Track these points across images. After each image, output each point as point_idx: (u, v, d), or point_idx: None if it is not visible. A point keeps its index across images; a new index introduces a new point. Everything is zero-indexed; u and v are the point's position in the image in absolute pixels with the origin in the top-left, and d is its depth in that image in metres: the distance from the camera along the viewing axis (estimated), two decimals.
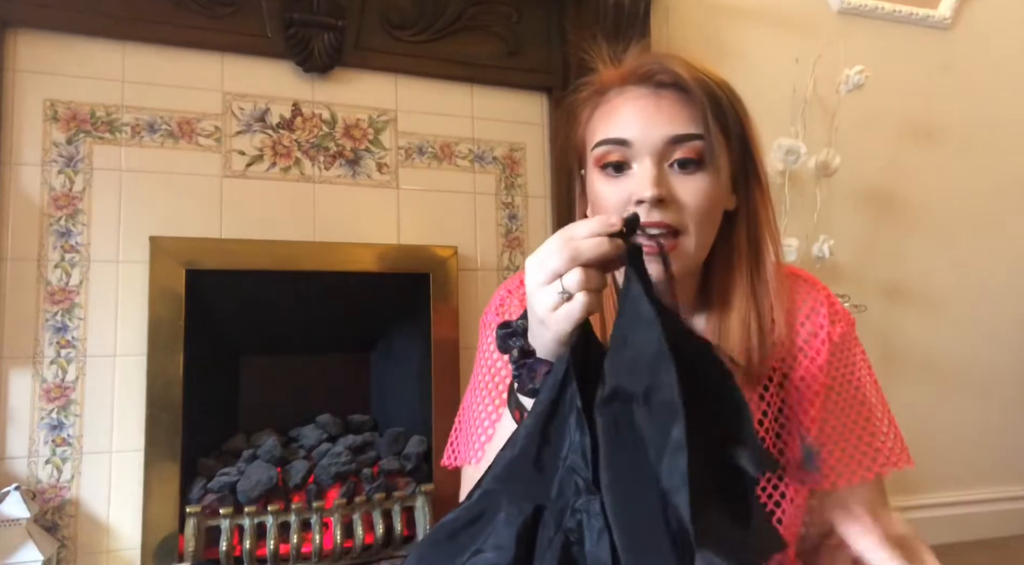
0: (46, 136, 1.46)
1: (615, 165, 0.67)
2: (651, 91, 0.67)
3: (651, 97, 0.67)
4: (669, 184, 0.65)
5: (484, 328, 0.79)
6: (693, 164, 0.65)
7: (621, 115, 0.68)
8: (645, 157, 0.65)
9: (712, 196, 0.66)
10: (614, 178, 0.67)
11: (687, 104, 0.66)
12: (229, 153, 1.59)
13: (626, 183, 0.66)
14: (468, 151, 1.80)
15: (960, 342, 2.28)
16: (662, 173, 0.65)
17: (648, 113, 0.66)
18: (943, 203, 2.31)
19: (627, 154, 0.66)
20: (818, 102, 2.07)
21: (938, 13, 2.33)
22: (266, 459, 1.52)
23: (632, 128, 0.66)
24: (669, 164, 0.66)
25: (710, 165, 0.66)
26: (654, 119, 0.66)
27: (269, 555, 1.43)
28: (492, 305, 0.79)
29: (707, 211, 0.66)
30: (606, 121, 0.69)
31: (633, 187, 0.65)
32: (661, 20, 1.94)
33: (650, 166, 0.65)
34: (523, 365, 0.55)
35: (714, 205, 0.67)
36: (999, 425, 2.31)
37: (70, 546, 1.41)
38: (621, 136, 0.66)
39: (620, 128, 0.67)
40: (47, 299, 1.44)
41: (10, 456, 1.40)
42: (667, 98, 0.66)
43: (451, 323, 1.69)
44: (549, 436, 0.48)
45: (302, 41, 1.60)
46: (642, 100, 0.67)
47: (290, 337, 1.76)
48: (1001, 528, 2.24)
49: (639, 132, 0.66)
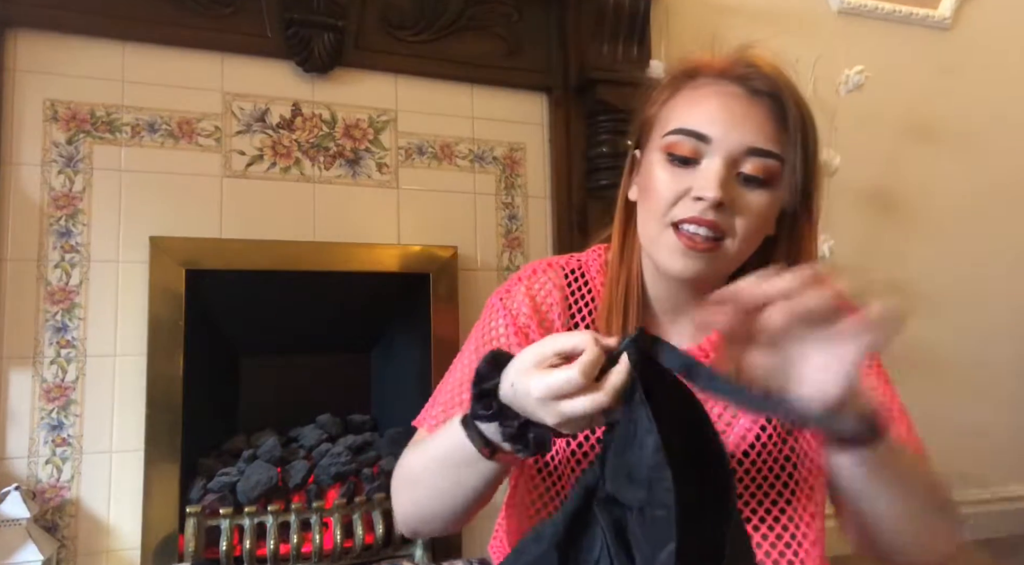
0: (46, 136, 1.46)
1: (683, 159, 0.64)
2: (745, 93, 0.65)
3: (743, 99, 0.64)
4: (731, 190, 0.63)
5: (488, 307, 0.77)
6: (760, 182, 0.63)
7: (708, 107, 0.65)
8: (718, 157, 0.63)
9: (767, 216, 0.65)
10: (678, 168, 0.65)
11: (778, 120, 0.64)
12: (229, 153, 1.59)
13: (689, 176, 0.64)
14: (468, 151, 1.80)
15: (960, 342, 2.28)
16: (729, 178, 0.63)
17: (736, 115, 0.64)
18: (943, 203, 2.31)
19: (701, 149, 0.64)
20: (818, 102, 2.06)
21: (938, 13, 2.33)
22: (266, 459, 1.52)
23: (716, 125, 0.63)
24: (737, 173, 0.63)
25: (777, 188, 0.64)
26: (741, 123, 0.63)
27: (269, 555, 1.43)
28: (502, 288, 0.77)
29: (758, 228, 0.65)
30: (689, 108, 0.66)
31: (696, 182, 0.63)
32: (661, 20, 1.94)
33: (720, 167, 0.62)
34: (507, 426, 0.53)
35: (765, 224, 0.66)
36: (999, 425, 2.31)
37: (70, 546, 1.41)
38: (703, 130, 0.63)
39: (703, 121, 0.64)
40: (47, 299, 1.44)
41: (10, 456, 1.40)
42: (759, 106, 0.64)
43: (451, 323, 1.69)
44: (577, 540, 0.48)
45: (302, 41, 1.60)
46: (733, 99, 0.64)
47: (290, 337, 1.76)
48: (1001, 528, 2.24)
49: (721, 131, 0.63)
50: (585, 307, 0.74)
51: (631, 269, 0.72)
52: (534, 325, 0.72)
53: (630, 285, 0.71)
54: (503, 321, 0.74)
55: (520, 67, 1.82)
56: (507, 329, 0.73)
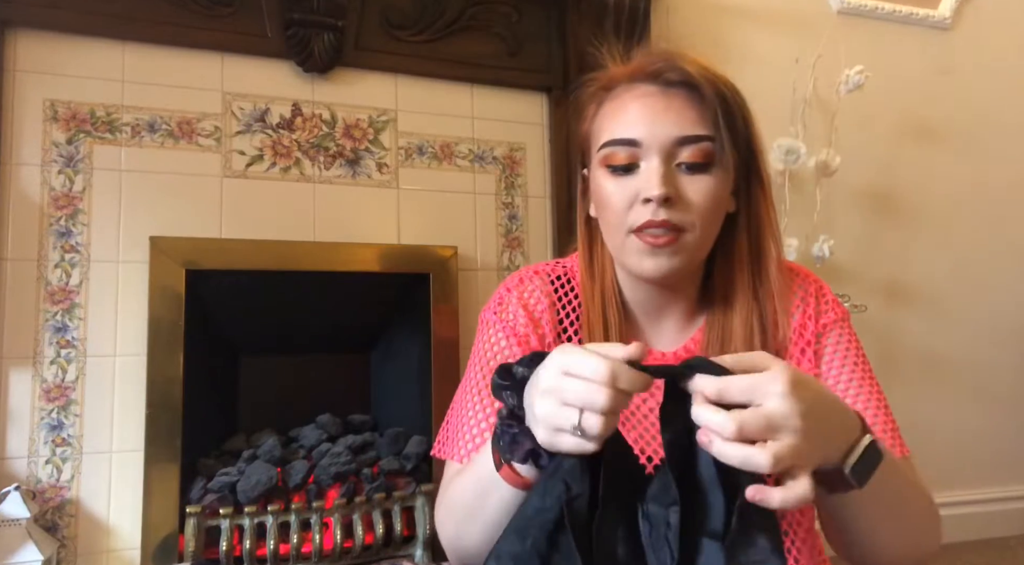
0: (46, 136, 1.46)
1: (624, 167, 0.66)
2: (660, 89, 0.66)
3: (659, 95, 0.66)
4: (676, 183, 0.65)
5: (483, 324, 0.78)
6: (700, 166, 0.65)
7: (629, 113, 0.67)
8: (653, 156, 0.65)
9: (717, 197, 0.66)
10: (621, 177, 0.67)
11: (696, 104, 0.65)
12: (229, 153, 1.59)
13: (633, 182, 0.66)
14: (468, 151, 1.80)
15: (960, 342, 2.28)
16: (670, 171, 0.65)
17: (656, 112, 0.65)
18: (943, 203, 2.31)
19: (635, 154, 0.66)
20: (818, 102, 2.07)
21: (938, 13, 2.33)
22: (266, 459, 1.52)
23: (640, 128, 0.65)
24: (676, 164, 0.65)
25: (718, 167, 0.65)
26: (662, 118, 0.65)
27: (269, 555, 1.43)
28: (492, 301, 0.78)
29: (712, 211, 0.66)
30: (613, 119, 0.68)
31: (640, 185, 0.65)
32: (661, 20, 1.94)
33: (658, 165, 0.64)
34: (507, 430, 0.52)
35: (718, 205, 0.67)
36: (999, 425, 2.31)
37: (70, 546, 1.41)
38: (629, 136, 0.66)
39: (628, 128, 0.66)
40: (47, 299, 1.44)
41: (10, 456, 1.40)
42: (676, 97, 0.66)
43: (451, 323, 1.69)
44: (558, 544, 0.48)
45: (302, 41, 1.60)
46: (650, 98, 0.66)
47: (290, 337, 1.76)
48: (1001, 528, 2.24)
49: (647, 131, 0.65)
50: (573, 313, 0.75)
51: (604, 282, 0.74)
52: (532, 333, 0.73)
53: (606, 297, 0.73)
54: (502, 333, 0.74)
55: (520, 67, 1.82)
56: (508, 341, 0.73)
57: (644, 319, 0.75)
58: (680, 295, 0.73)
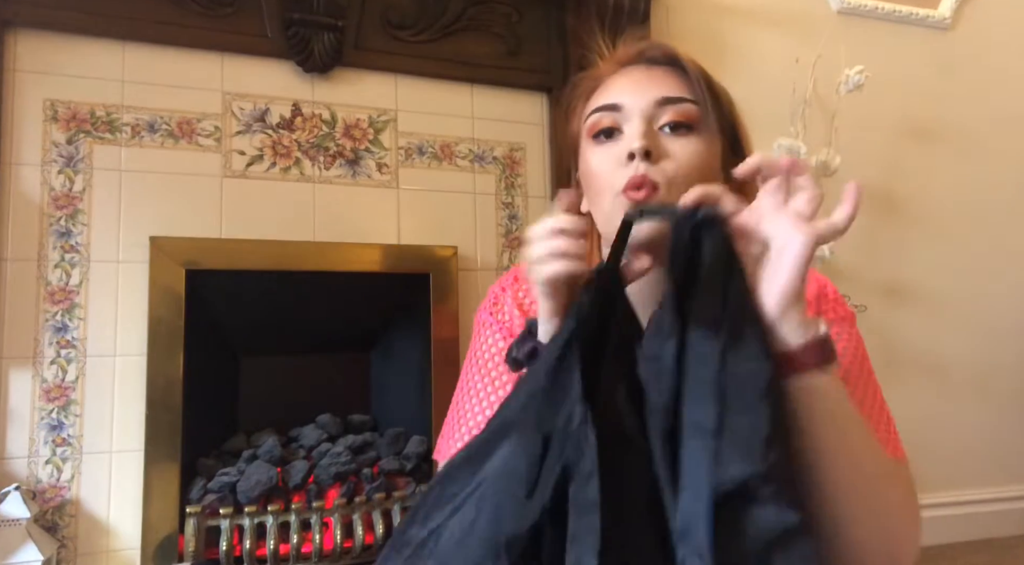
0: (46, 136, 1.46)
1: (606, 131, 0.67)
2: (644, 66, 0.69)
3: (643, 69, 0.68)
4: (659, 141, 0.64)
5: (478, 325, 0.77)
6: (685, 127, 0.65)
7: (611, 87, 0.68)
8: (635, 118, 0.65)
9: (705, 158, 0.65)
10: (604, 144, 0.67)
11: (679, 76, 0.67)
12: (229, 153, 1.59)
13: (616, 147, 0.66)
14: (468, 151, 1.80)
15: (960, 342, 2.28)
16: (651, 130, 0.65)
17: (638, 79, 0.67)
18: (943, 203, 2.31)
19: (617, 119, 0.66)
20: (818, 102, 2.07)
21: (938, 13, 2.33)
22: (266, 459, 1.52)
23: (622, 95, 0.66)
24: (660, 126, 0.65)
25: (704, 131, 0.65)
26: (644, 84, 0.66)
27: (269, 555, 1.43)
28: (487, 302, 0.77)
29: (699, 171, 0.64)
30: (597, 99, 0.69)
31: (624, 146, 0.65)
32: (661, 20, 1.94)
33: (639, 123, 0.65)
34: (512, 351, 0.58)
35: (706, 169, 0.65)
36: (999, 425, 2.31)
37: (70, 546, 1.41)
38: (613, 101, 0.67)
39: (612, 95, 0.67)
40: (47, 299, 1.44)
41: (10, 456, 1.40)
42: (660, 70, 0.68)
43: (451, 323, 1.69)
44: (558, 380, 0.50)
45: (302, 41, 1.60)
46: (635, 71, 0.68)
47: (290, 337, 1.76)
48: (1001, 528, 2.24)
49: (629, 97, 0.66)
50: None
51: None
52: None
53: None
54: (499, 334, 0.73)
55: (520, 67, 1.82)
56: (505, 342, 0.72)
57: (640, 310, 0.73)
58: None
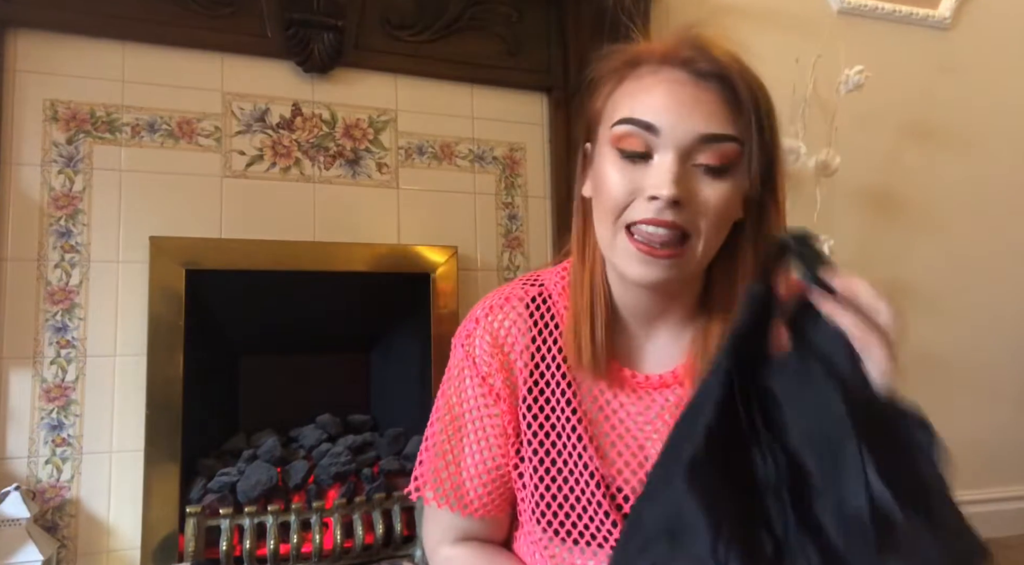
0: (46, 136, 1.46)
1: (635, 155, 0.60)
2: (690, 78, 0.60)
3: (689, 85, 0.60)
4: (689, 184, 0.59)
5: (454, 351, 0.73)
6: (718, 170, 0.59)
7: (652, 96, 0.60)
8: (670, 150, 0.58)
9: (732, 203, 0.61)
10: (629, 164, 0.60)
11: (727, 102, 0.59)
12: (229, 153, 1.59)
13: (641, 173, 0.60)
14: (468, 151, 1.80)
15: (960, 341, 2.28)
16: (684, 172, 0.58)
17: (683, 102, 0.59)
18: (943, 203, 2.31)
19: (651, 142, 0.59)
20: (818, 102, 2.07)
21: (938, 13, 2.33)
22: (266, 459, 1.52)
23: (662, 115, 0.59)
24: (694, 163, 0.59)
25: (739, 172, 0.60)
26: (690, 110, 0.59)
27: (269, 555, 1.43)
28: (463, 328, 0.73)
29: (722, 221, 0.61)
30: (634, 98, 0.61)
31: (650, 180, 0.59)
32: (662, 20, 1.94)
33: (672, 161, 0.58)
34: None
35: (731, 211, 0.61)
36: (999, 425, 2.31)
37: (70, 546, 1.41)
38: (649, 120, 0.59)
39: (649, 111, 0.59)
40: (47, 299, 1.44)
41: (10, 456, 1.40)
42: (708, 90, 0.60)
43: (451, 323, 1.69)
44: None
45: (302, 41, 1.60)
46: (678, 86, 0.60)
47: (290, 337, 1.76)
48: (1001, 528, 2.24)
49: (669, 122, 0.58)
50: (550, 336, 0.70)
51: (594, 271, 0.68)
52: (496, 367, 0.69)
53: (595, 290, 0.67)
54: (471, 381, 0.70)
55: (520, 67, 1.82)
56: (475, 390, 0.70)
57: (634, 320, 0.69)
58: (676, 302, 0.68)
